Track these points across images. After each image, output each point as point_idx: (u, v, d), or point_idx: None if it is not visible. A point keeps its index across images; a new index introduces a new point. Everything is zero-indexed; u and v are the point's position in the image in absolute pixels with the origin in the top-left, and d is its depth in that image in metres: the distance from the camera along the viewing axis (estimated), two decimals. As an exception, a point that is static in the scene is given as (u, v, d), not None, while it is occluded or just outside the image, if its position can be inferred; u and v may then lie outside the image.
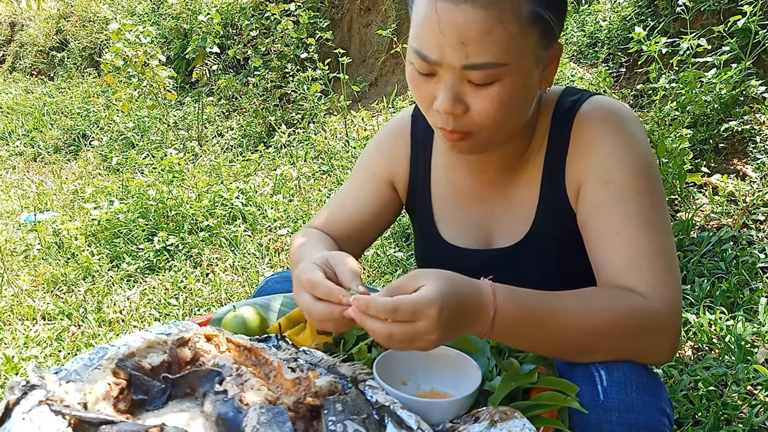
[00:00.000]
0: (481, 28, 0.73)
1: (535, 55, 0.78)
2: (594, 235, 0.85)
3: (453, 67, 0.76)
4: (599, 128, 0.87)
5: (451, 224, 1.03)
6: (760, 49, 2.44)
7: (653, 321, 0.77)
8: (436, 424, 0.72)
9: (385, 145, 1.09)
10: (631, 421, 0.72)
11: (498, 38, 0.73)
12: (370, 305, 0.68)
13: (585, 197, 0.87)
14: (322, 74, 4.04)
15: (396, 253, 2.45)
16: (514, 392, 0.76)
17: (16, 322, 2.35)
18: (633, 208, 0.82)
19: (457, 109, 0.79)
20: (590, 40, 3.60)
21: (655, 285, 0.79)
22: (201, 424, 0.69)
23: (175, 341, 0.79)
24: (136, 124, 4.79)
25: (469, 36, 0.73)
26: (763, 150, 2.29)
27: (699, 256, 1.95)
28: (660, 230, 0.82)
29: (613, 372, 0.76)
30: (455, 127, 0.81)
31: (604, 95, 0.93)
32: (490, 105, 0.78)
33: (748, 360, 1.49)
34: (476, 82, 0.77)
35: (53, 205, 3.78)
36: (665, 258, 0.81)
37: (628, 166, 0.84)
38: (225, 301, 2.34)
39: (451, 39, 0.74)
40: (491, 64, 0.75)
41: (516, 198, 0.96)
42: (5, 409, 0.64)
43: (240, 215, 3.03)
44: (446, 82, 0.78)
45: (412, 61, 0.81)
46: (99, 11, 7.37)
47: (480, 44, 0.73)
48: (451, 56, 0.75)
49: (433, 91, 0.80)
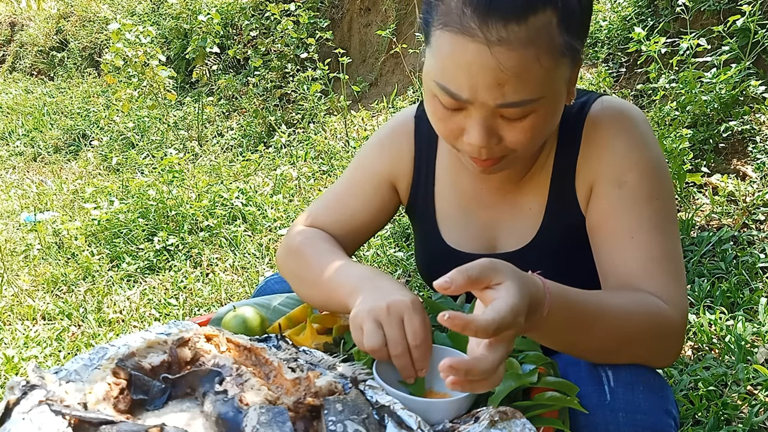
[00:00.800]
0: (518, 69, 0.70)
1: (565, 79, 0.77)
2: (606, 237, 0.85)
3: (487, 105, 0.74)
4: (611, 129, 0.86)
5: (454, 228, 1.01)
6: (759, 48, 2.44)
7: (670, 326, 0.77)
8: (436, 424, 0.72)
9: (388, 144, 1.06)
10: (637, 422, 0.72)
11: (535, 75, 0.71)
12: (470, 325, 0.57)
13: (597, 199, 0.87)
14: (322, 74, 4.04)
15: (396, 253, 2.45)
16: (514, 392, 0.76)
17: (16, 322, 2.35)
18: (647, 211, 0.82)
19: (491, 144, 0.77)
20: (590, 40, 3.60)
21: (670, 290, 0.79)
22: (201, 424, 0.69)
23: (175, 341, 0.79)
24: (136, 124, 4.79)
25: (506, 77, 0.70)
26: (763, 150, 2.29)
27: (699, 256, 1.95)
28: (670, 234, 0.82)
29: (620, 372, 0.76)
30: (488, 156, 0.79)
31: (611, 95, 0.92)
32: (525, 136, 0.76)
33: (748, 360, 1.49)
34: (511, 117, 0.75)
35: (53, 205, 3.78)
36: (677, 263, 0.81)
37: (641, 168, 0.84)
38: (225, 301, 2.34)
39: (486, 81, 0.71)
40: (527, 101, 0.73)
41: (523, 203, 0.95)
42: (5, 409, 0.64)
43: (240, 215, 3.03)
44: (478, 118, 0.75)
45: (437, 95, 0.77)
46: (99, 11, 7.37)
47: (517, 84, 0.71)
48: (486, 96, 0.72)
49: (461, 124, 0.78)
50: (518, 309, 0.59)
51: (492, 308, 0.59)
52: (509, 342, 0.61)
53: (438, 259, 1.04)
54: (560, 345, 0.76)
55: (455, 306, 0.94)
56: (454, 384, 0.58)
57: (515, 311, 0.59)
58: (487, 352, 0.60)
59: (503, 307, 0.59)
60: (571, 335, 0.73)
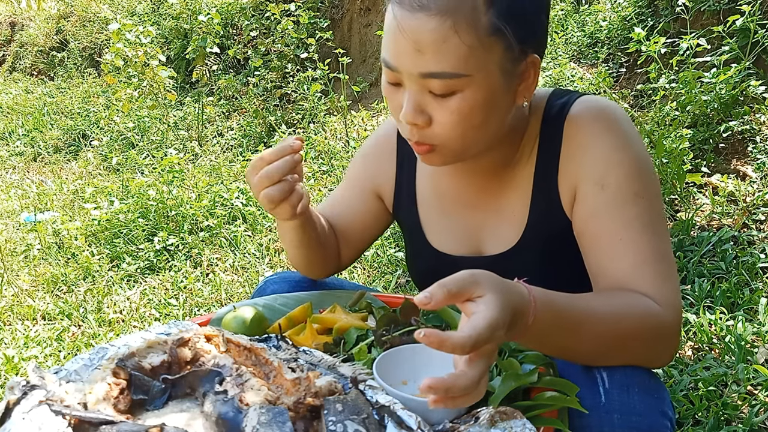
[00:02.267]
0: (435, 36, 0.73)
1: (501, 68, 0.77)
2: (593, 241, 0.84)
3: (412, 74, 0.77)
4: (591, 129, 0.85)
5: (439, 232, 1.01)
6: (759, 48, 2.44)
7: (664, 327, 0.77)
8: (436, 424, 0.72)
9: (371, 154, 1.09)
10: (632, 424, 0.72)
11: (454, 48, 0.74)
12: (446, 342, 0.57)
13: (581, 202, 0.86)
14: (322, 74, 4.04)
15: (396, 253, 2.45)
16: (514, 392, 0.76)
17: (16, 322, 2.35)
18: (633, 211, 0.81)
19: (419, 120, 0.79)
20: (590, 40, 3.60)
21: (662, 290, 0.78)
22: (201, 424, 0.69)
23: (175, 341, 0.79)
24: (136, 124, 4.79)
25: (424, 43, 0.74)
26: (763, 150, 2.29)
27: (699, 256, 1.95)
28: (659, 232, 0.82)
29: (615, 374, 0.75)
30: (420, 138, 0.82)
31: (593, 94, 0.91)
32: (451, 117, 0.78)
33: (748, 360, 1.49)
34: (436, 92, 0.77)
35: (53, 205, 3.78)
36: (667, 262, 0.80)
37: (624, 168, 0.83)
38: (225, 301, 2.35)
39: (409, 46, 0.75)
40: (448, 74, 0.75)
41: (506, 204, 0.94)
42: (5, 409, 0.64)
43: (240, 215, 3.03)
44: (409, 92, 0.79)
45: (383, 71, 0.82)
46: (99, 11, 7.37)
47: (436, 52, 0.74)
48: (409, 63, 0.76)
49: (400, 101, 0.81)
50: (496, 323, 0.59)
51: (469, 324, 0.59)
52: (490, 355, 0.61)
53: (426, 263, 1.04)
54: (550, 350, 0.75)
55: (454, 306, 0.94)
56: (436, 402, 0.59)
57: (493, 326, 0.59)
58: (467, 368, 0.60)
59: (480, 322, 0.58)
60: (560, 341, 0.73)
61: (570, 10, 3.93)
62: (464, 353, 0.58)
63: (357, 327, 0.91)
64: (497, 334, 0.60)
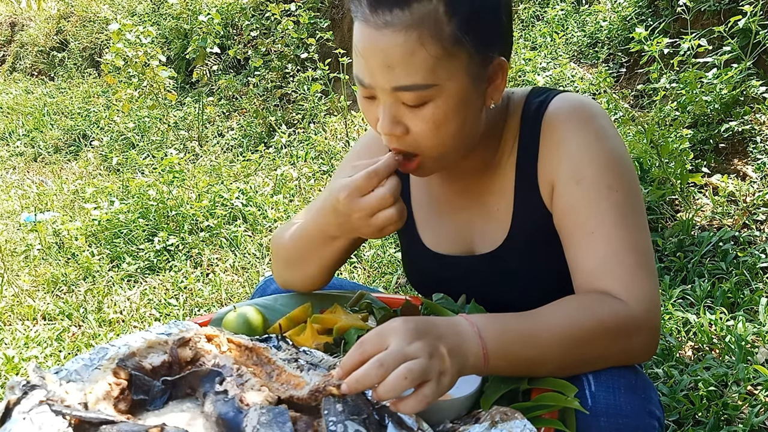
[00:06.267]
0: (403, 50, 0.75)
1: (469, 73, 0.79)
2: (569, 235, 0.85)
3: (384, 89, 0.79)
4: (566, 126, 0.86)
5: (433, 233, 1.03)
6: (760, 49, 2.44)
7: (632, 322, 0.77)
8: (436, 424, 0.72)
9: (366, 157, 1.07)
10: (619, 426, 0.71)
11: (422, 60, 0.75)
12: (344, 366, 0.69)
13: (558, 197, 0.87)
14: (323, 74, 4.04)
15: (396, 253, 2.45)
16: (515, 393, 0.76)
17: (16, 322, 2.35)
18: (605, 205, 0.82)
19: (396, 130, 0.81)
20: (590, 40, 3.60)
21: (630, 284, 0.78)
22: (201, 424, 0.69)
23: (175, 341, 0.79)
24: (136, 125, 4.79)
25: (393, 59, 0.76)
26: (764, 150, 2.29)
27: (699, 256, 1.95)
28: (634, 225, 0.82)
29: (600, 375, 0.75)
30: (400, 146, 0.83)
31: (571, 92, 0.92)
32: (427, 126, 0.80)
33: (748, 360, 1.49)
34: (409, 104, 0.79)
35: (53, 206, 3.78)
36: (640, 254, 0.80)
37: (597, 162, 0.83)
38: (225, 301, 2.35)
39: (378, 63, 0.77)
40: (418, 86, 0.77)
41: (491, 204, 0.95)
42: (6, 409, 0.64)
43: (240, 215, 3.03)
44: (384, 105, 0.80)
45: (357, 87, 0.84)
46: (99, 11, 7.37)
47: (405, 66, 0.76)
48: (381, 79, 0.78)
49: (377, 113, 0.82)
50: (386, 328, 0.69)
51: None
52: (398, 338, 0.68)
53: (422, 263, 1.05)
54: (520, 368, 0.75)
55: (455, 307, 0.94)
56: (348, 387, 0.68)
57: (381, 329, 0.70)
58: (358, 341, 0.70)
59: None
60: (521, 353, 0.73)
61: (570, 10, 3.93)
62: (358, 358, 0.68)
63: (357, 327, 0.91)
64: (392, 325, 0.69)
